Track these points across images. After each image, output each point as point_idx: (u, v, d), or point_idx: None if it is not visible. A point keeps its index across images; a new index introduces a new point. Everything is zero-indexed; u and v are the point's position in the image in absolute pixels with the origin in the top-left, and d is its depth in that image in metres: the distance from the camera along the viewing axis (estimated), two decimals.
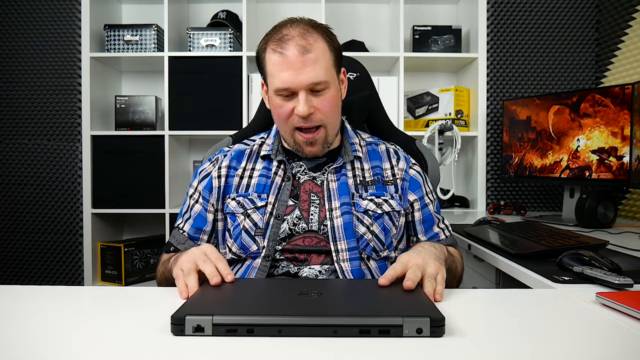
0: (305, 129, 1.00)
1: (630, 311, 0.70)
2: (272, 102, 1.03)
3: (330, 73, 1.00)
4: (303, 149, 1.03)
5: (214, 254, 0.81)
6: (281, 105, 1.00)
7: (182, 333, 0.61)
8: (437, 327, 0.60)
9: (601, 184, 1.74)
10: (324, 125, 1.01)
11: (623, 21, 2.13)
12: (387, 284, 0.76)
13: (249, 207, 1.03)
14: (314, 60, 0.96)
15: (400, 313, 0.61)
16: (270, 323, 0.61)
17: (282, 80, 0.97)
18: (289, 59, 0.95)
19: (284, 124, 1.02)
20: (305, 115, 0.97)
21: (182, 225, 1.08)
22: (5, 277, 2.40)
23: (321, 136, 1.02)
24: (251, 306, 0.70)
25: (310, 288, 0.73)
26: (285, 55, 0.96)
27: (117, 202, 2.30)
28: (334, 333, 0.60)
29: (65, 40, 2.38)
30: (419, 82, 2.54)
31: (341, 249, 0.98)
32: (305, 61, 0.95)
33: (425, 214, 1.09)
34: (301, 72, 0.95)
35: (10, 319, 0.69)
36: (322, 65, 0.97)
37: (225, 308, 0.68)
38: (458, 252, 1.10)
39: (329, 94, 1.00)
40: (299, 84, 0.96)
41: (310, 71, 0.95)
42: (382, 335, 0.60)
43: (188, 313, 0.62)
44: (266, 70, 1.02)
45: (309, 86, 0.96)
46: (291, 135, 1.03)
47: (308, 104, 0.97)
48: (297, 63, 0.95)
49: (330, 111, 1.01)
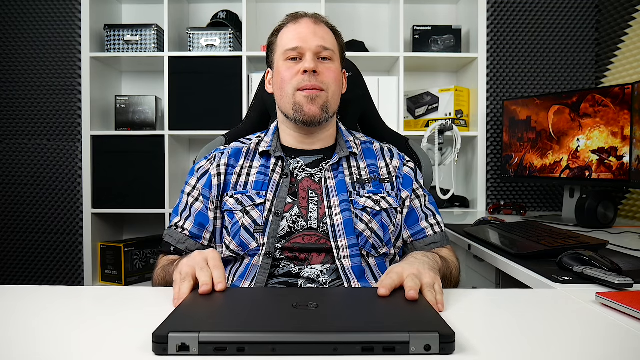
0: (308, 88, 1.03)
1: (630, 311, 0.70)
2: (278, 70, 1.07)
3: (336, 53, 1.08)
4: (303, 107, 1.03)
5: (214, 261, 0.77)
6: (288, 67, 1.05)
7: (165, 352, 0.55)
8: (447, 344, 0.55)
9: (601, 184, 1.74)
10: (326, 90, 1.04)
11: (623, 21, 2.13)
12: (388, 293, 0.71)
13: (248, 205, 1.03)
14: (323, 32, 1.06)
15: (407, 328, 0.56)
16: (263, 340, 0.55)
17: (293, 42, 1.04)
18: (302, 27, 1.06)
19: (287, 85, 1.05)
20: (310, 69, 1.02)
21: (182, 223, 1.06)
22: (5, 277, 2.40)
23: (322, 97, 1.04)
24: (242, 321, 0.63)
25: (307, 299, 0.68)
26: (298, 23, 1.06)
27: (117, 202, 2.30)
28: (334, 351, 0.55)
29: (65, 40, 2.38)
30: (419, 82, 2.54)
31: (342, 245, 0.98)
32: (317, 30, 1.05)
33: (409, 208, 1.09)
34: (311, 36, 1.04)
35: (10, 319, 0.69)
36: (330, 39, 1.07)
37: (213, 324, 0.62)
38: (452, 253, 1.08)
39: (334, 65, 1.07)
40: (308, 45, 1.03)
41: (320, 37, 1.05)
42: (387, 353, 0.55)
43: (172, 330, 0.56)
44: (277, 45, 1.09)
45: (317, 49, 1.04)
46: (292, 96, 1.04)
47: (315, 62, 1.03)
48: (308, 30, 1.05)
49: (333, 80, 1.06)
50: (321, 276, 0.97)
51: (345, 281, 0.96)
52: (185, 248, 1.04)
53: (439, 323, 0.60)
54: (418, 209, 1.09)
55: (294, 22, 1.07)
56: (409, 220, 1.08)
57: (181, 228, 1.06)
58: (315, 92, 1.03)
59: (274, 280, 0.98)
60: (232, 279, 1.02)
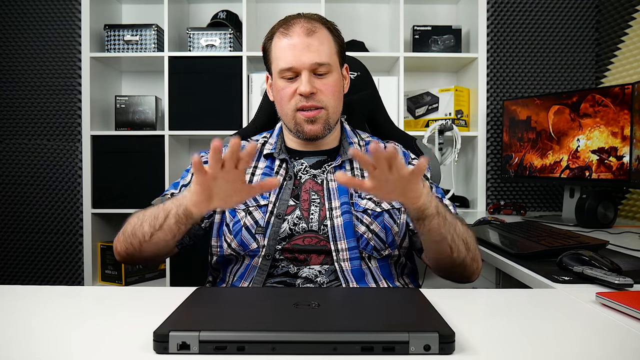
0: (306, 109, 1.01)
1: (630, 311, 0.70)
2: (275, 86, 1.04)
3: (334, 60, 1.03)
4: (303, 127, 1.02)
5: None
6: (284, 87, 1.02)
7: (166, 351, 0.56)
8: (447, 344, 0.56)
9: (601, 184, 1.74)
10: (325, 108, 1.02)
11: (623, 21, 2.13)
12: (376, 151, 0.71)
13: (251, 205, 1.02)
14: (318, 43, 1.00)
15: (406, 328, 0.57)
16: (263, 339, 0.56)
17: (286, 61, 1.00)
18: (294, 40, 1.00)
19: (286, 105, 1.03)
20: (307, 93, 0.99)
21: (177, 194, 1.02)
22: (5, 277, 2.40)
23: (322, 116, 1.02)
24: (242, 320, 0.64)
25: (307, 298, 0.68)
26: (290, 37, 1.00)
27: (117, 202, 2.30)
28: (334, 350, 0.55)
29: (65, 40, 2.38)
30: (419, 82, 2.54)
31: (341, 248, 0.98)
32: (310, 43, 0.99)
33: None
34: (305, 52, 0.99)
35: (10, 319, 0.69)
36: (326, 49, 1.01)
37: (214, 323, 0.62)
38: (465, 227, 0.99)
39: (332, 79, 1.02)
40: (302, 64, 0.99)
41: (314, 52, 0.99)
42: (386, 352, 0.55)
43: (172, 328, 0.56)
44: (271, 56, 1.05)
45: (312, 66, 0.99)
46: (292, 117, 1.03)
47: (310, 83, 0.99)
48: (301, 44, 0.99)
49: (332, 94, 1.02)
50: (319, 276, 0.97)
51: (343, 283, 0.96)
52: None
53: (438, 323, 0.60)
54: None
55: (285, 33, 1.01)
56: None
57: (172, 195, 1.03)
58: (315, 114, 1.01)
59: (272, 280, 0.98)
60: (232, 279, 1.02)
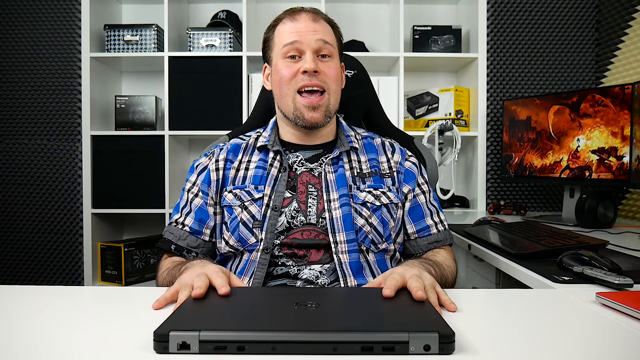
0: (309, 90, 1.01)
1: (630, 311, 0.70)
2: (276, 69, 1.05)
3: (335, 49, 1.06)
4: (304, 114, 1.02)
5: (215, 276, 0.75)
6: (287, 66, 1.03)
7: (166, 351, 0.55)
8: (447, 344, 0.56)
9: (601, 184, 1.74)
10: (327, 91, 1.03)
11: (623, 21, 2.13)
12: (393, 294, 0.70)
13: (246, 200, 1.02)
14: (322, 28, 1.04)
15: (406, 328, 0.57)
16: (263, 339, 0.56)
17: (291, 36, 1.02)
18: (300, 24, 1.03)
19: (286, 86, 1.03)
20: (311, 70, 1.00)
21: (182, 219, 1.06)
22: (5, 277, 2.40)
23: (324, 102, 1.02)
24: (242, 320, 0.64)
25: (307, 298, 0.68)
26: (296, 20, 1.03)
27: (117, 202, 2.30)
28: (334, 350, 0.55)
29: (65, 40, 2.38)
30: (419, 82, 2.54)
31: (340, 240, 0.98)
32: (315, 26, 1.03)
33: (414, 203, 1.08)
34: (310, 33, 1.02)
35: (10, 319, 0.69)
36: (329, 36, 1.05)
37: (214, 322, 0.62)
38: (450, 255, 1.06)
39: (334, 64, 1.05)
40: (307, 42, 1.01)
41: (319, 33, 1.02)
42: (386, 352, 0.55)
43: (172, 328, 0.56)
44: (274, 41, 1.06)
45: (317, 44, 1.02)
46: (292, 100, 1.03)
47: (315, 62, 1.01)
48: (306, 27, 1.02)
49: (334, 78, 1.04)
50: (320, 277, 0.96)
51: (341, 277, 0.95)
52: (187, 245, 1.04)
53: (438, 323, 0.60)
54: (423, 204, 1.09)
55: (291, 19, 1.04)
56: (413, 215, 1.08)
57: (181, 224, 1.06)
58: (318, 101, 1.02)
59: (273, 282, 0.98)
60: None
